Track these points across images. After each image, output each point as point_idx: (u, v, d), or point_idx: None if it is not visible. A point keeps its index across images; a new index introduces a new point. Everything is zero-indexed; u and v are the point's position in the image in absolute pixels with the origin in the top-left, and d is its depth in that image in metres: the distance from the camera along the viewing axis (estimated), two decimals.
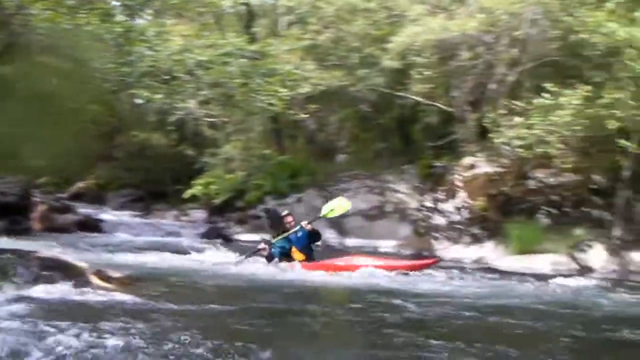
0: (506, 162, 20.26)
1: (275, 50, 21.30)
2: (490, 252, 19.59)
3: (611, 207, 18.97)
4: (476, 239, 19.98)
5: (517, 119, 18.93)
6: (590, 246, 18.66)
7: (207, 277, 13.68)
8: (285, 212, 16.48)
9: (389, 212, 22.71)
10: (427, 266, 15.04)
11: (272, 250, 15.78)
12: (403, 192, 23.32)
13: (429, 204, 21.73)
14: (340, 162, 27.15)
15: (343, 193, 22.86)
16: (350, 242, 23.13)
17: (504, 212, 19.81)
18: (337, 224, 23.41)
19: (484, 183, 20.44)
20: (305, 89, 21.91)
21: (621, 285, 14.50)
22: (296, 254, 15.73)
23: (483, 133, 20.85)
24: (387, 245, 21.99)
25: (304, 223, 15.77)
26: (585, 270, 18.06)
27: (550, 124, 18.15)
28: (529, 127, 18.53)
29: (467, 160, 21.27)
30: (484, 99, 21.60)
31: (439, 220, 21.23)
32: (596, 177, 19.50)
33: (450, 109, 22.30)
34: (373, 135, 26.43)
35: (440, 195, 21.57)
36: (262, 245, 15.80)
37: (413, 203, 22.58)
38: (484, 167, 20.69)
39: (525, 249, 18.97)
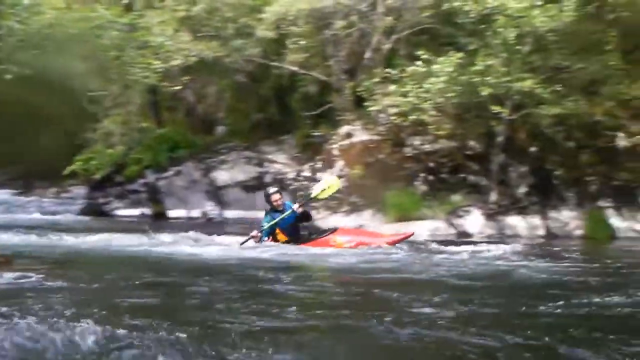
0: (382, 130, 20.42)
1: (149, 22, 20.92)
2: (369, 220, 19.65)
3: (487, 173, 19.33)
4: (355, 208, 20.01)
5: (392, 87, 19.08)
6: (467, 212, 19.02)
7: (83, 253, 13.39)
8: (272, 190, 15.36)
9: (268, 182, 22.62)
10: (404, 239, 14.43)
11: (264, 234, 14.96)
12: (281, 162, 23.31)
13: (307, 173, 21.69)
14: (219, 134, 26.92)
15: (221, 165, 22.78)
16: (230, 214, 23.07)
17: (381, 179, 19.90)
18: (216, 195, 23.31)
19: (361, 151, 20.54)
20: (178, 60, 21.54)
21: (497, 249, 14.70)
22: (280, 234, 14.86)
23: (359, 102, 20.91)
24: None
25: (295, 206, 14.86)
26: (462, 235, 18.39)
27: (424, 91, 18.36)
28: (404, 94, 18.71)
29: (344, 129, 21.32)
30: (359, 67, 21.66)
31: None
32: (471, 143, 19.81)
33: (326, 78, 22.26)
34: (251, 106, 26.23)
35: (318, 164, 21.55)
36: (254, 233, 14.67)
37: (292, 173, 22.53)
38: (360, 135, 20.80)
39: (403, 216, 19.15)
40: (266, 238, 14.65)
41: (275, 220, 14.62)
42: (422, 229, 18.42)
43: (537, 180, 19.38)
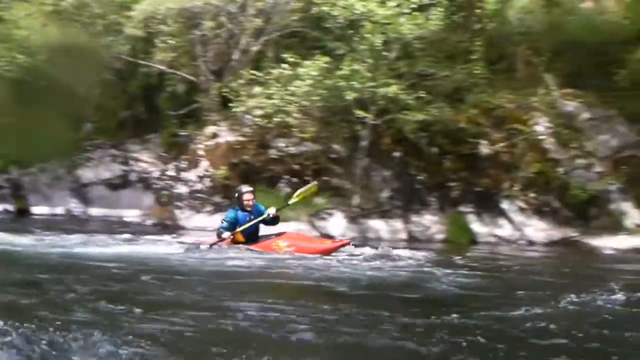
0: (248, 132, 20.34)
1: (15, 14, 20.40)
2: None
3: (350, 176, 19.44)
4: (218, 208, 19.88)
5: (258, 89, 19.07)
6: (330, 214, 19.08)
7: None
8: (245, 189, 14.88)
9: (133, 181, 22.32)
10: (342, 247, 14.13)
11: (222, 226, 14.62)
12: (147, 161, 22.96)
13: (171, 172, 21.44)
14: (86, 131, 26.36)
15: (87, 162, 22.36)
16: (95, 211, 22.67)
17: (245, 180, 19.78)
18: (81, 193, 22.86)
19: (226, 152, 20.44)
20: (44, 55, 21.06)
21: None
22: (238, 235, 14.49)
23: (226, 102, 20.79)
24: (131, 214, 21.78)
25: (272, 210, 14.52)
26: (326, 237, 18.42)
27: (290, 94, 18.41)
28: (269, 97, 18.72)
29: (209, 130, 21.18)
30: (227, 68, 21.55)
31: (182, 189, 20.99)
32: (336, 147, 19.89)
33: (194, 78, 22.06)
34: (118, 104, 25.76)
35: (183, 164, 21.33)
36: (226, 235, 14.30)
37: (156, 172, 22.25)
38: (226, 136, 20.68)
39: None
40: (227, 234, 14.34)
41: (250, 223, 14.37)
42: (286, 230, 18.39)
43: (400, 185, 19.58)
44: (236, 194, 14.81)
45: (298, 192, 15.44)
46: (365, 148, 19.11)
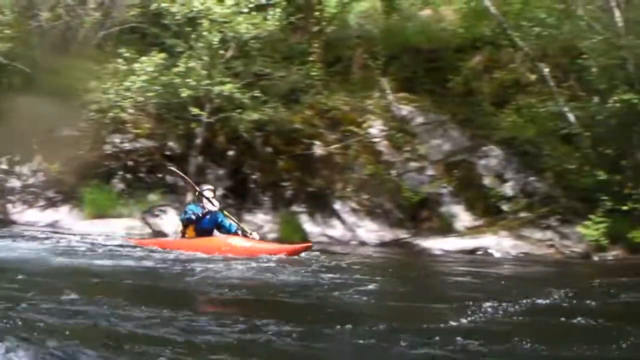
0: (84, 126, 20.04)
1: None
2: (66, 216, 19.40)
3: (184, 174, 19.40)
4: (52, 203, 19.62)
5: (93, 83, 18.86)
6: (163, 211, 19.01)
7: None
8: (208, 186, 15.28)
9: None
10: (302, 250, 14.04)
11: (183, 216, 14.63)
12: None
13: (4, 166, 20.94)
14: None
15: None
16: None
17: (80, 176, 19.57)
18: None
19: (61, 146, 20.09)
20: None
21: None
22: (190, 231, 14.50)
23: None
24: None
25: (255, 235, 14.71)
26: (159, 234, 18.38)
27: (125, 89, 18.27)
28: (104, 91, 18.53)
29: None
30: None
31: (15, 183, 20.54)
32: (171, 144, 19.84)
33: (30, 70, 21.56)
34: None
35: (17, 157, 20.86)
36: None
37: None
38: (61, 130, 20.32)
39: (100, 213, 19.04)
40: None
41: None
42: (118, 227, 18.35)
43: (234, 183, 19.64)
44: (197, 193, 14.93)
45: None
46: (199, 146, 19.11)
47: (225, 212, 15.16)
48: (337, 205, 19.07)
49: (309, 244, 14.58)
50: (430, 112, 20.08)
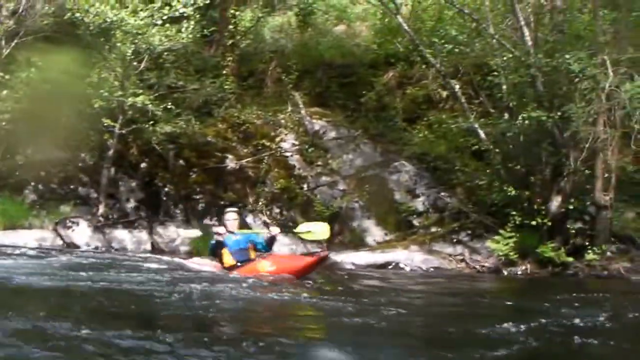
0: None
1: None
2: None
3: (96, 185, 19.34)
4: None
5: (4, 92, 18.69)
6: (75, 223, 18.86)
7: None
8: (231, 209, 14.40)
9: None
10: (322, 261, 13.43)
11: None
12: None
13: None
14: None
15: None
16: None
17: None
18: None
19: None
20: None
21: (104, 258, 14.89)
22: (226, 255, 13.48)
23: None
24: None
25: (276, 229, 13.87)
26: (70, 246, 18.26)
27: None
28: (17, 100, 18.43)
29: None
30: None
31: None
32: (83, 155, 19.74)
33: None
34: None
35: None
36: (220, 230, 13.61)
37: None
38: None
39: (11, 225, 18.71)
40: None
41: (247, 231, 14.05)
42: (29, 239, 18.13)
43: (147, 196, 19.62)
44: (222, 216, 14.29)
45: (309, 227, 14.63)
46: (112, 157, 19.05)
47: (244, 231, 14.48)
48: (249, 219, 19.15)
49: (326, 254, 13.86)
50: (342, 126, 20.41)
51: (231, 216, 13.80)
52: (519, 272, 16.55)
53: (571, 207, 16.47)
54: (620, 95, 15.03)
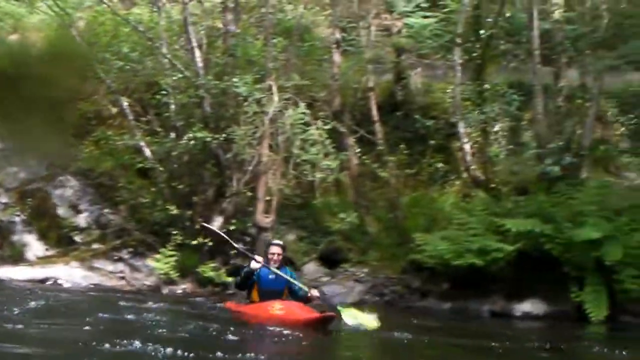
0: None
1: None
2: None
3: None
4: None
5: None
6: None
7: None
8: (275, 241, 12.36)
9: None
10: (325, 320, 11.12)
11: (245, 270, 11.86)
12: None
13: None
14: None
15: None
16: None
17: None
18: None
19: None
20: None
21: None
22: (255, 293, 11.79)
23: None
24: None
25: (314, 292, 11.87)
26: None
27: None
28: None
29: None
30: None
31: None
32: None
33: None
34: None
35: None
36: (258, 258, 11.77)
37: None
38: None
39: None
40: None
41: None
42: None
43: None
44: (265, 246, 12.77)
45: (355, 313, 11.66)
46: None
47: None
48: None
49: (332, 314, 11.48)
50: (8, 139, 19.76)
51: (277, 249, 12.08)
52: (179, 291, 16.74)
53: (233, 227, 16.81)
54: (283, 120, 15.60)
